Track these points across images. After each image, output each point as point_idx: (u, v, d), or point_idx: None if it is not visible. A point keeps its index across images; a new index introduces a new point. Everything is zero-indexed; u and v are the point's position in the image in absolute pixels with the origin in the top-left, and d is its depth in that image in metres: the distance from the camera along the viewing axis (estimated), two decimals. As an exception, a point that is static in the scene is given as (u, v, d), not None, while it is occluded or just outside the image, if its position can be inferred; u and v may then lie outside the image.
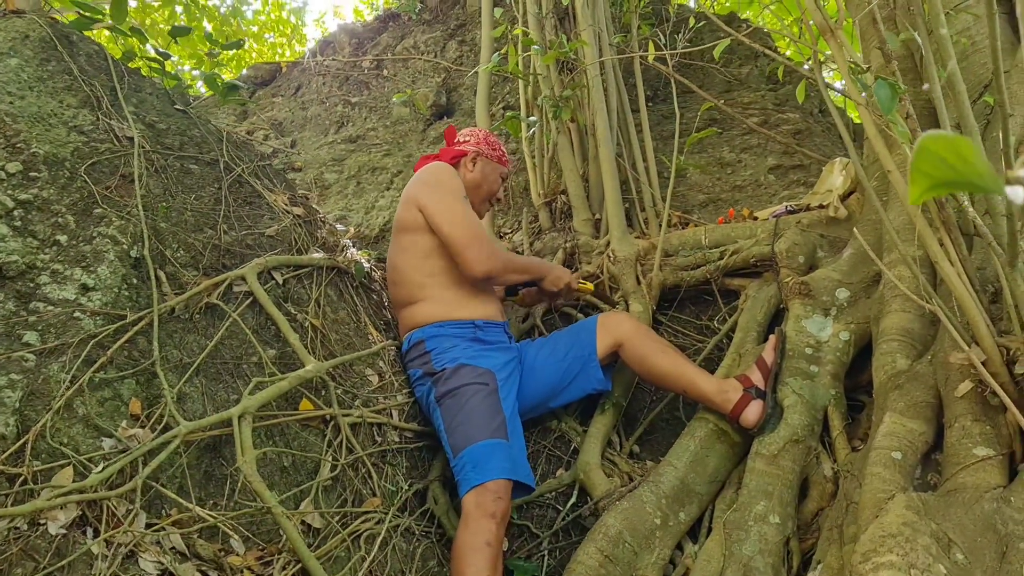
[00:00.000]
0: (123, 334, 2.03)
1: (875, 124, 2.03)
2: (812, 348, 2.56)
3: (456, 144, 2.99)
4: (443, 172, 2.75)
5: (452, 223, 2.60)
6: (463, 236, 2.58)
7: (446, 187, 2.68)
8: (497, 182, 3.00)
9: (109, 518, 1.70)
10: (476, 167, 2.93)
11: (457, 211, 2.63)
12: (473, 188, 2.90)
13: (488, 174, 2.96)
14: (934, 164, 0.38)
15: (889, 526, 1.81)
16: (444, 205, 2.63)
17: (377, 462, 2.43)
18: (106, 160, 2.40)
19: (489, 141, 3.00)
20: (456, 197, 2.66)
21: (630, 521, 2.32)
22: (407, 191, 2.76)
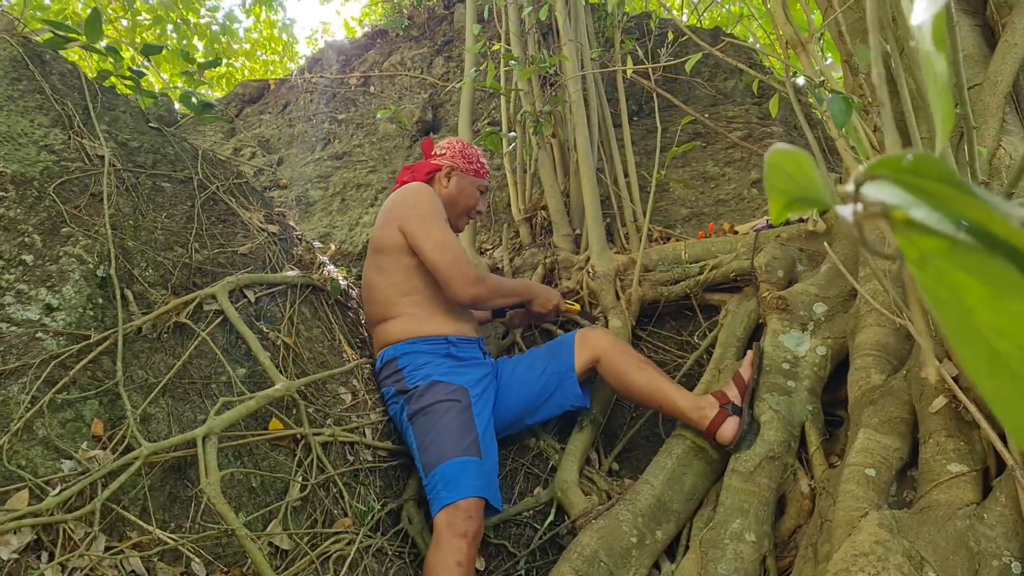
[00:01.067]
0: (87, 354, 2.01)
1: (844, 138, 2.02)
2: (789, 363, 2.54)
3: (432, 157, 2.96)
4: (424, 194, 2.72)
5: (436, 248, 2.57)
6: (450, 263, 2.56)
7: (429, 211, 2.65)
8: (474, 196, 2.95)
9: (65, 542, 1.68)
10: (451, 182, 2.90)
11: (442, 237, 2.60)
12: (449, 203, 2.87)
13: (464, 188, 2.92)
14: (784, 180, 0.36)
15: (861, 545, 1.79)
16: (429, 230, 2.60)
17: (349, 481, 2.40)
18: (76, 179, 2.39)
19: (465, 154, 2.95)
20: (439, 221, 2.64)
21: (606, 540, 2.29)
22: (387, 211, 2.73)
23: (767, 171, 0.37)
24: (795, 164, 0.35)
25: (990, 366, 0.28)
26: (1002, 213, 0.28)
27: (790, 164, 0.35)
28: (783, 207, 0.39)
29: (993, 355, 0.28)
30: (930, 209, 0.29)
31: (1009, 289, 0.27)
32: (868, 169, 0.32)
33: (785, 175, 0.36)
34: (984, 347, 0.28)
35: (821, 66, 2.10)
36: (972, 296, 0.28)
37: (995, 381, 0.28)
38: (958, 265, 0.28)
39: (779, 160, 0.36)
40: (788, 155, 0.35)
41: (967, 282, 0.28)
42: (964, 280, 0.28)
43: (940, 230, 0.29)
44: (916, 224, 0.30)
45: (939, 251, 0.29)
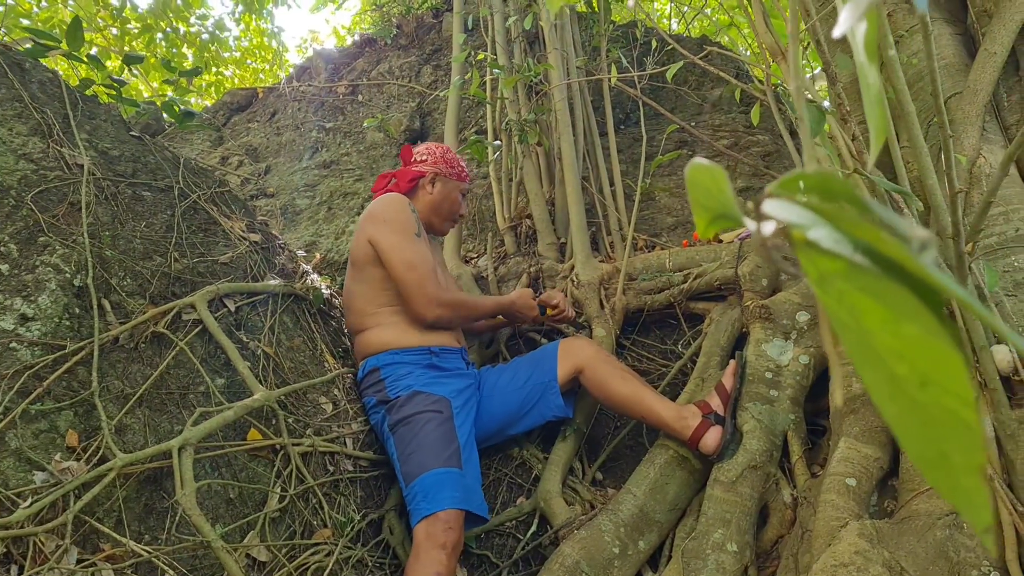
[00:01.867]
0: (62, 364, 1.99)
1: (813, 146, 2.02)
2: (772, 372, 2.53)
3: (413, 163, 2.95)
4: (395, 205, 2.69)
5: (401, 264, 2.56)
6: (414, 283, 2.55)
7: (398, 224, 2.63)
8: (458, 200, 2.96)
9: (36, 555, 1.66)
10: (435, 188, 2.90)
11: (407, 252, 2.59)
12: (434, 209, 2.87)
13: (449, 193, 2.92)
14: (706, 196, 0.36)
15: (841, 555, 1.78)
16: (394, 243, 2.59)
17: (329, 492, 2.38)
18: (54, 188, 2.37)
19: (447, 158, 2.95)
20: (407, 235, 2.62)
21: (588, 551, 2.28)
22: (362, 221, 2.72)
23: (689, 187, 0.36)
24: (712, 179, 0.34)
25: (890, 391, 0.27)
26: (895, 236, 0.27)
27: (708, 179, 0.34)
28: (708, 223, 0.38)
29: (892, 379, 0.27)
30: (830, 229, 0.28)
31: (905, 312, 0.26)
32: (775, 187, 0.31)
33: (705, 191, 0.35)
34: (884, 371, 0.27)
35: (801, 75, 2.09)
36: (871, 318, 0.27)
37: (895, 406, 0.27)
38: (857, 287, 0.28)
39: (698, 176, 0.35)
40: (705, 170, 0.35)
41: (866, 304, 0.27)
42: (863, 302, 0.27)
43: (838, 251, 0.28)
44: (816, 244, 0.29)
45: (839, 272, 0.28)
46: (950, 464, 0.27)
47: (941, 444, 0.27)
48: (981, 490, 0.27)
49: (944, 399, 0.26)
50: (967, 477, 0.27)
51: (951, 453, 0.26)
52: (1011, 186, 2.25)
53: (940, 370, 0.26)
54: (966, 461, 0.26)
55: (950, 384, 0.26)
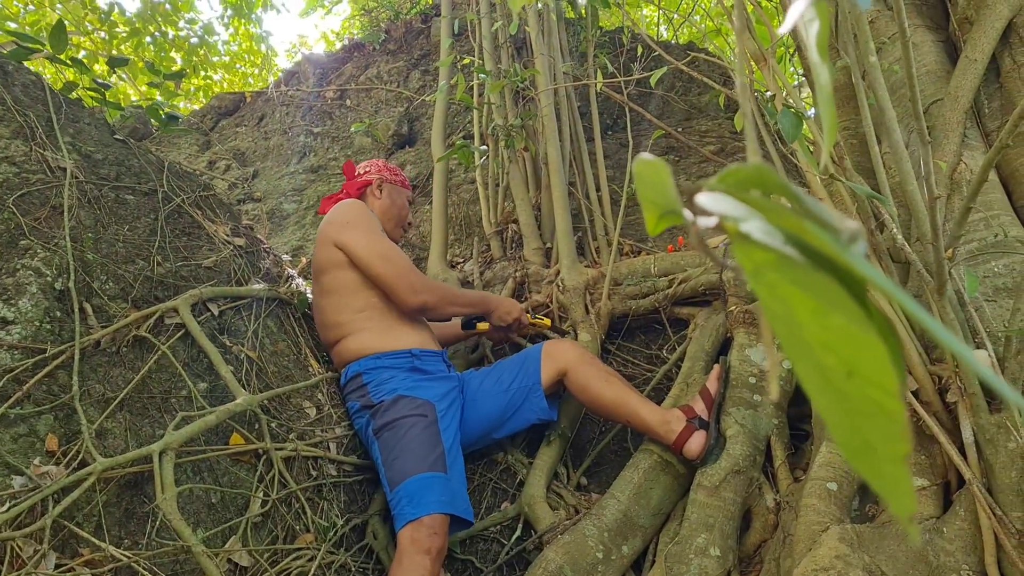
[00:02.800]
0: (42, 368, 1.98)
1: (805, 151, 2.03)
2: (756, 377, 2.54)
3: (357, 176, 2.99)
4: (354, 208, 2.73)
5: (379, 259, 2.58)
6: (392, 270, 2.56)
7: (363, 223, 2.66)
8: (405, 206, 3.03)
9: (14, 559, 1.64)
10: (384, 193, 2.95)
11: (381, 246, 2.61)
12: (385, 214, 2.91)
13: (396, 198, 2.98)
14: (653, 191, 0.36)
15: (822, 559, 1.78)
16: (366, 241, 2.61)
17: (312, 497, 2.37)
18: (37, 191, 2.36)
19: (389, 168, 3.05)
20: (375, 231, 2.65)
21: (571, 556, 2.28)
22: (321, 232, 2.72)
23: (637, 183, 0.36)
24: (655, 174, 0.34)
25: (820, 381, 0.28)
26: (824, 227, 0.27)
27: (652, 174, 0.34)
28: (657, 218, 0.38)
29: (821, 370, 0.27)
30: (762, 222, 0.29)
31: (833, 303, 0.27)
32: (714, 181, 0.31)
33: (652, 186, 0.35)
34: (814, 361, 0.28)
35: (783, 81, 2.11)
36: (802, 310, 0.27)
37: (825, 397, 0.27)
38: (788, 279, 0.28)
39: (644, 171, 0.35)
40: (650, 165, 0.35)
41: (796, 295, 0.27)
42: (794, 293, 0.28)
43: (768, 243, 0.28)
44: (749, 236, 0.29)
45: (770, 264, 0.28)
46: (875, 453, 0.27)
47: (866, 434, 0.27)
48: (905, 478, 0.27)
49: (868, 390, 0.26)
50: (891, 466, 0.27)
51: (876, 442, 0.27)
52: (992, 192, 2.26)
53: (865, 361, 0.26)
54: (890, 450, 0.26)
55: (874, 375, 0.27)
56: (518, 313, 2.85)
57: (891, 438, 0.26)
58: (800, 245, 0.28)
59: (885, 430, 0.26)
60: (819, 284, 0.27)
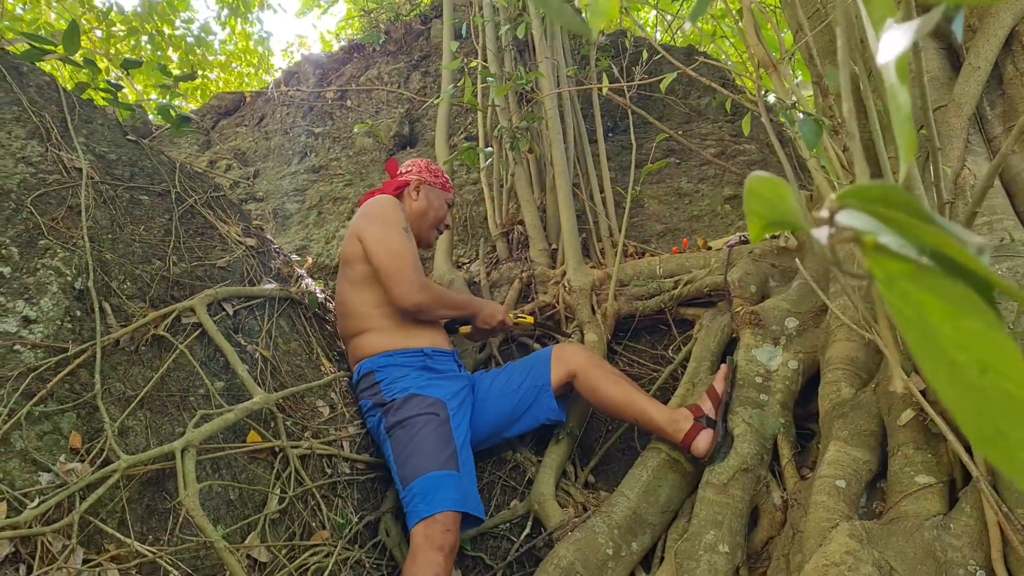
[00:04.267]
0: (64, 367, 2.00)
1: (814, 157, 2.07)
2: (762, 377, 2.59)
3: (398, 175, 3.02)
4: (384, 203, 2.77)
5: (384, 253, 2.61)
6: (392, 267, 2.60)
7: (385, 218, 2.70)
8: (443, 208, 3.03)
9: (44, 554, 1.67)
10: (420, 195, 2.97)
11: (391, 242, 2.64)
12: (419, 216, 2.93)
13: (433, 201, 2.99)
14: (761, 204, 0.40)
15: (832, 555, 1.83)
16: (379, 235, 2.65)
17: (327, 494, 2.41)
18: (54, 191, 2.38)
19: (431, 169, 3.05)
20: (392, 227, 2.68)
21: (582, 552, 2.31)
22: (352, 225, 2.78)
23: (746, 196, 0.40)
24: (773, 190, 0.38)
25: (950, 377, 0.31)
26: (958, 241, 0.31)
27: (768, 190, 0.38)
28: (761, 229, 0.42)
29: (953, 367, 0.31)
30: (896, 235, 0.32)
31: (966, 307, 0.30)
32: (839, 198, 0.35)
33: (763, 200, 0.39)
34: (945, 360, 0.31)
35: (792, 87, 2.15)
36: (934, 314, 0.31)
37: (955, 391, 0.31)
38: (922, 286, 0.31)
39: (757, 186, 0.39)
40: (766, 182, 0.38)
41: (930, 301, 0.31)
42: (927, 300, 0.31)
43: (905, 254, 0.32)
44: (884, 248, 0.33)
45: (905, 273, 0.32)
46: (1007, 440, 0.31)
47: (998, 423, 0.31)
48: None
49: (1002, 383, 0.30)
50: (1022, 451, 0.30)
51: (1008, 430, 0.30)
52: (995, 196, 2.31)
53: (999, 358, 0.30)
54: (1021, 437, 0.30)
55: (1008, 370, 0.30)
56: (501, 316, 2.88)
57: (1022, 426, 0.30)
58: (933, 256, 0.31)
59: (1017, 419, 0.30)
60: (952, 291, 0.30)
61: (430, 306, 2.64)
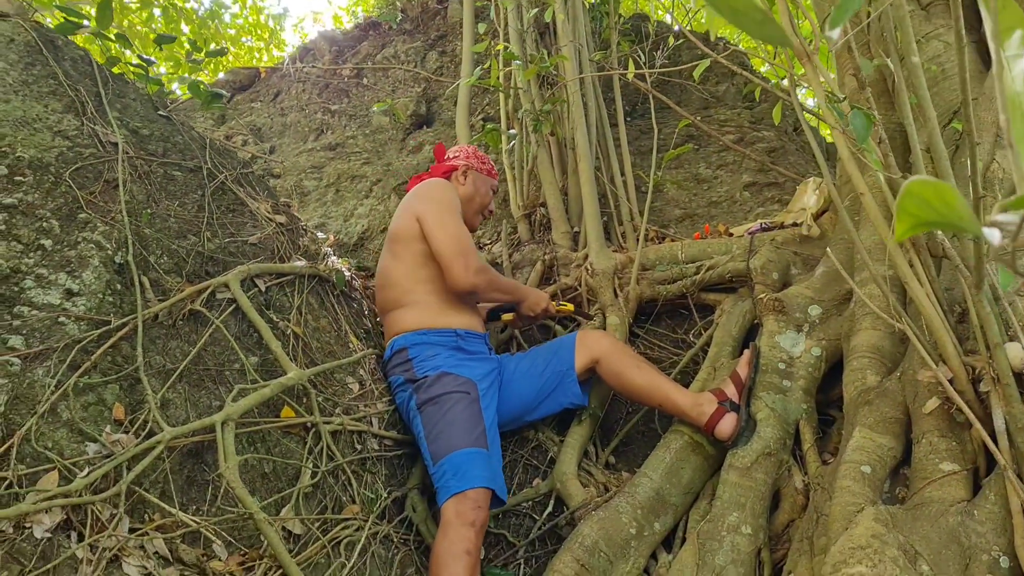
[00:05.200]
0: (107, 339, 2.04)
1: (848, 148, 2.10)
2: (785, 363, 2.62)
3: (446, 160, 3.06)
4: (442, 187, 2.84)
5: (446, 236, 2.66)
6: (454, 250, 2.64)
7: (444, 201, 2.76)
8: (488, 194, 3.08)
9: (94, 522, 1.71)
10: (468, 180, 3.02)
11: (452, 225, 2.70)
12: (467, 201, 2.98)
13: (479, 187, 3.04)
14: (919, 206, 0.43)
15: (858, 538, 1.87)
16: (440, 218, 2.70)
17: (357, 469, 2.45)
18: (90, 165, 2.41)
19: (478, 155, 3.10)
20: (452, 211, 2.74)
21: (606, 531, 2.36)
22: (406, 203, 2.84)
23: (903, 196, 0.43)
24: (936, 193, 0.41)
25: None
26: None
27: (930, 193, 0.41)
28: (909, 227, 0.45)
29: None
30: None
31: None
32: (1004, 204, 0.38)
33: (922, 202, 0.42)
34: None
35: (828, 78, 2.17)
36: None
37: None
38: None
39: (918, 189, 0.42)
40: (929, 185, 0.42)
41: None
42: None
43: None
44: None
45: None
46: None
47: None
48: None
49: None
50: None
51: None
52: (1023, 190, 2.34)
53: None
54: None
55: None
56: (546, 304, 2.94)
57: None
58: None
59: None
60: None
61: (485, 289, 2.69)
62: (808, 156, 4.30)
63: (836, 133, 2.13)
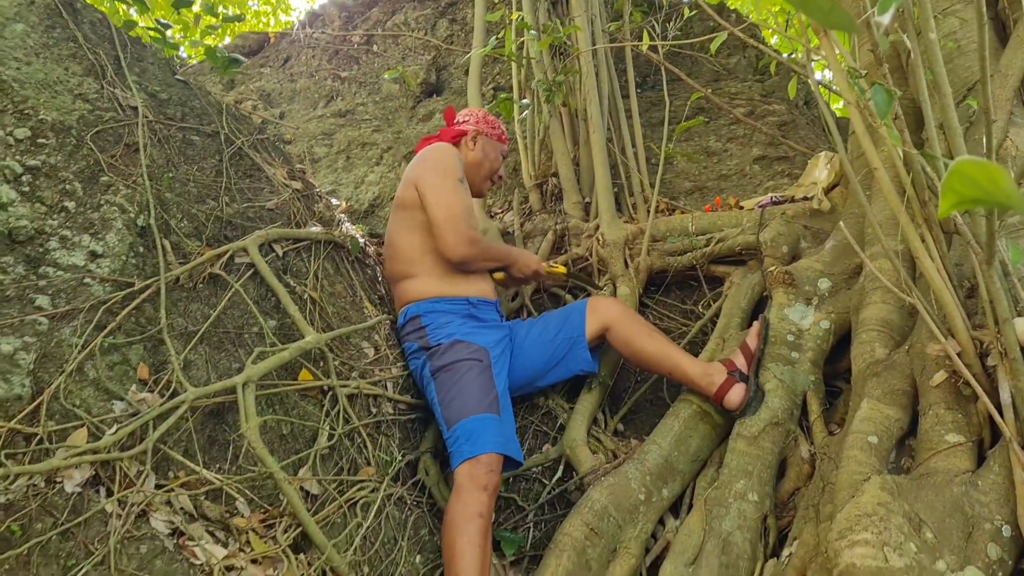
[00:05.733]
0: (131, 301, 2.07)
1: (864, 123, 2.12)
2: (794, 335, 2.66)
3: (456, 124, 3.06)
4: (442, 152, 2.82)
5: (438, 205, 2.67)
6: (443, 218, 2.65)
7: (442, 167, 2.74)
8: (498, 160, 3.08)
9: (121, 478, 1.76)
10: (477, 145, 3.01)
11: (446, 193, 2.69)
12: (475, 166, 2.98)
13: (489, 152, 3.04)
14: (965, 184, 0.46)
15: (865, 506, 1.91)
16: (435, 184, 2.70)
17: (372, 432, 2.50)
18: (111, 129, 2.43)
19: (488, 120, 3.09)
20: (449, 177, 2.72)
21: (615, 496, 2.41)
22: (409, 170, 2.83)
23: (950, 175, 0.46)
24: (984, 173, 0.44)
25: None
26: None
27: (978, 172, 0.44)
28: (953, 204, 0.48)
29: None
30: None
31: None
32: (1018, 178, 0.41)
33: (968, 180, 0.45)
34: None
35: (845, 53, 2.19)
36: None
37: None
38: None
39: (966, 168, 0.45)
40: (977, 165, 0.44)
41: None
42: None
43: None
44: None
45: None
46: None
47: None
48: None
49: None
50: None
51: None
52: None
53: None
54: None
55: None
56: (535, 265, 2.93)
57: None
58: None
59: None
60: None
61: (475, 259, 2.71)
62: (818, 130, 4.31)
63: (851, 108, 2.15)
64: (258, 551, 1.87)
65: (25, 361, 1.78)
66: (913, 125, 2.68)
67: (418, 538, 2.41)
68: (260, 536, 1.93)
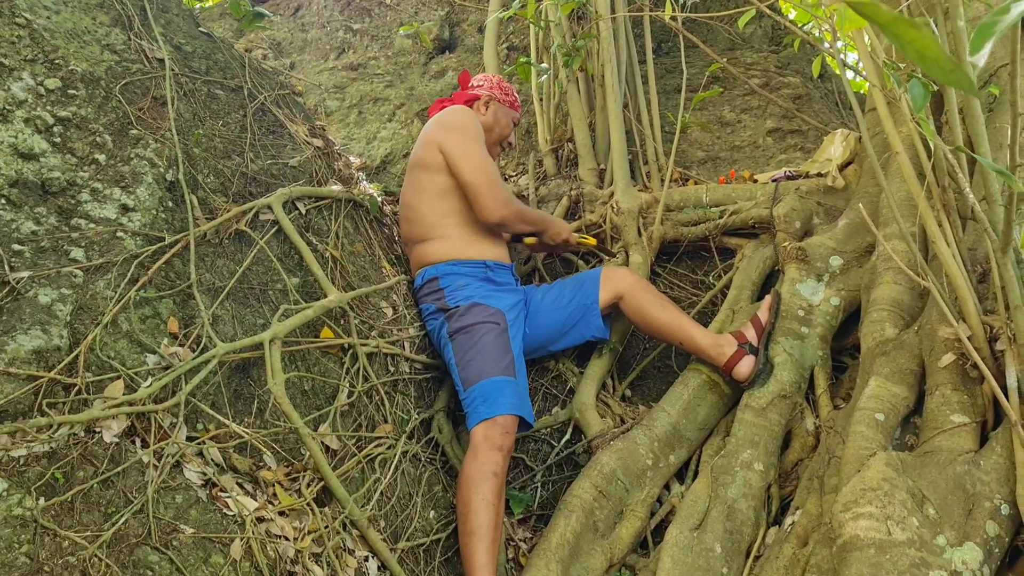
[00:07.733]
0: (161, 255, 2.11)
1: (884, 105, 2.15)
2: (804, 311, 2.72)
3: (470, 88, 3.07)
4: (465, 116, 2.85)
5: (473, 168, 2.69)
6: (482, 182, 2.69)
7: (468, 131, 2.77)
8: (509, 126, 3.10)
9: (156, 430, 1.81)
10: (489, 111, 3.03)
11: (478, 156, 2.72)
12: (486, 131, 3.00)
13: (500, 118, 3.06)
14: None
15: (869, 481, 1.98)
16: (466, 149, 2.72)
17: (390, 391, 2.55)
18: (138, 81, 2.44)
19: (502, 86, 3.11)
20: (478, 142, 2.76)
21: (623, 460, 2.48)
22: (428, 131, 2.84)
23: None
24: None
25: None
26: None
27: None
28: None
29: None
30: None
31: None
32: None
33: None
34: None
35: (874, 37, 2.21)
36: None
37: None
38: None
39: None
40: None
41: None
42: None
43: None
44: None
45: None
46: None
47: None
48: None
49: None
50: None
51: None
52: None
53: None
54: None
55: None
56: (567, 234, 3.00)
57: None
58: None
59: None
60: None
61: (513, 221, 2.75)
62: (832, 104, 4.31)
63: (874, 90, 2.18)
64: (285, 504, 1.94)
65: (63, 313, 1.82)
66: (934, 107, 2.71)
67: (432, 494, 2.48)
68: (285, 489, 1.99)
